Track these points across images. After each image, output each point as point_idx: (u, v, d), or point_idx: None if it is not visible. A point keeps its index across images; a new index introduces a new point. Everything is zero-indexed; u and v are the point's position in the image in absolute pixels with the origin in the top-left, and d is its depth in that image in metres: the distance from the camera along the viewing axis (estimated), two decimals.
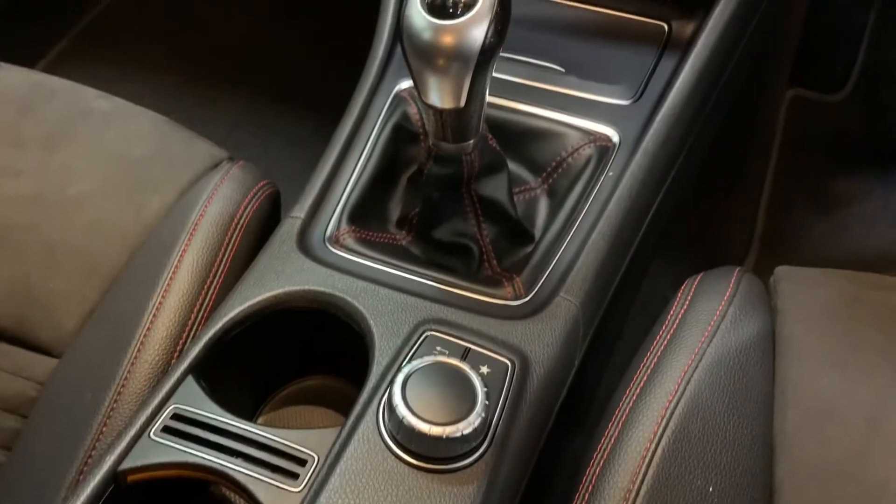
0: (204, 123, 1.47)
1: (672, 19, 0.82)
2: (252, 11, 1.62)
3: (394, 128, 0.79)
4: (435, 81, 0.58)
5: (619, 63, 0.82)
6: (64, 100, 0.90)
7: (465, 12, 0.56)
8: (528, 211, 0.76)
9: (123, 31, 1.62)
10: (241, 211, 0.77)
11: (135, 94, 1.49)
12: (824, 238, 1.24)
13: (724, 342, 0.64)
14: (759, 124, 1.29)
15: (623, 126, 0.77)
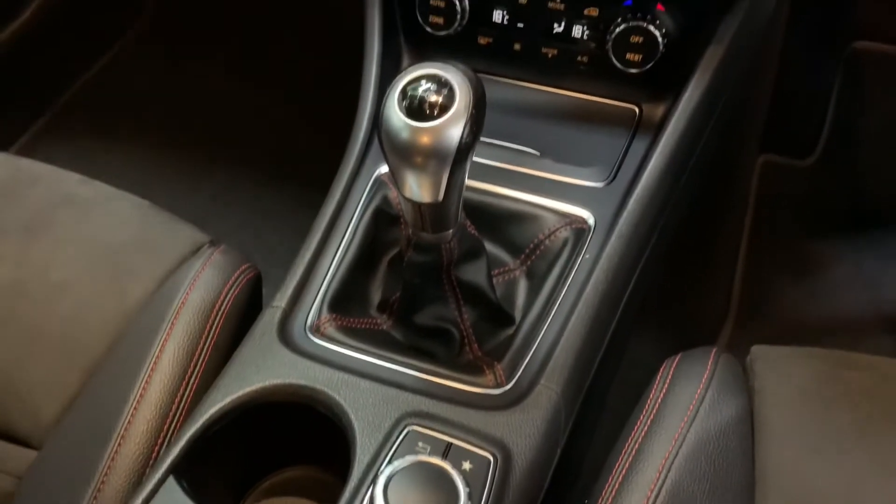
0: (184, 197, 1.50)
1: (642, 102, 0.85)
2: (233, 89, 1.65)
3: (374, 212, 0.80)
4: (413, 178, 0.60)
5: (593, 146, 0.85)
6: (45, 186, 0.91)
7: (442, 114, 0.57)
8: (507, 292, 0.77)
9: (101, 109, 1.64)
10: (223, 298, 0.78)
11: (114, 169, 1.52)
12: (799, 304, 1.26)
13: (704, 427, 0.64)
14: (731, 192, 1.32)
15: (597, 208, 0.79)
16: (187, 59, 1.70)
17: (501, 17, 0.85)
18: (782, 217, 1.41)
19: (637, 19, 0.79)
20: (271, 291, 0.82)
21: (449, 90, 0.58)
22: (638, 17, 0.79)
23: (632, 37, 0.79)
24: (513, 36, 0.86)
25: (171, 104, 1.64)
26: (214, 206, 1.50)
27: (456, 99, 0.58)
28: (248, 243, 1.43)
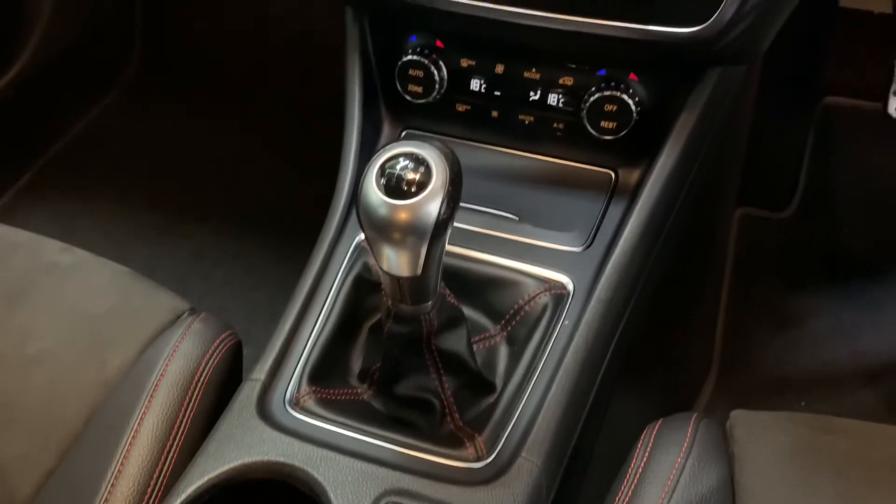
0: (166, 254, 1.50)
1: (618, 167, 0.86)
2: (213, 145, 1.66)
3: (355, 279, 0.80)
4: (391, 253, 0.60)
5: (570, 210, 0.86)
6: (25, 254, 0.91)
7: (420, 191, 0.58)
8: (488, 359, 0.77)
9: (82, 168, 1.64)
10: (202, 368, 0.77)
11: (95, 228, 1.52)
12: (781, 358, 1.27)
13: (685, 496, 0.64)
14: (710, 246, 1.33)
15: (576, 273, 0.80)
16: (168, 118, 1.71)
17: (479, 86, 0.87)
18: (762, 269, 1.42)
19: (611, 88, 0.80)
20: (253, 351, 0.82)
21: (426, 168, 0.59)
22: (612, 86, 0.81)
23: (606, 105, 0.81)
24: (490, 103, 0.88)
25: (152, 162, 1.65)
26: (196, 264, 1.50)
27: (433, 176, 0.58)
28: (230, 300, 1.44)
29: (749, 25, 0.72)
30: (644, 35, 0.73)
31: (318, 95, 1.39)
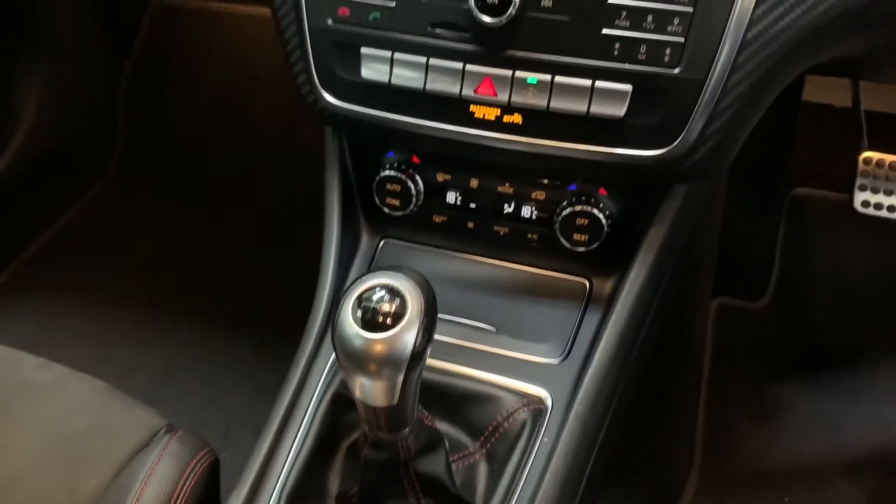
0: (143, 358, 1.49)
1: (592, 277, 0.88)
2: (192, 246, 1.67)
3: (333, 396, 0.80)
4: (367, 383, 0.61)
5: (547, 320, 0.87)
6: (1, 371, 0.90)
7: (395, 323, 0.59)
8: (468, 478, 0.77)
9: (60, 267, 1.65)
10: (179, 491, 0.77)
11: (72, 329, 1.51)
12: (762, 450, 1.27)
13: None
14: (688, 339, 1.35)
15: (554, 386, 0.80)
16: (148, 216, 1.73)
17: (455, 199, 0.89)
18: (740, 360, 1.44)
19: (581, 203, 0.83)
20: (231, 455, 0.81)
21: (400, 299, 0.60)
22: (582, 200, 0.83)
23: (577, 219, 0.83)
24: (466, 215, 0.90)
25: (132, 260, 1.66)
26: (176, 362, 1.49)
27: (408, 307, 0.60)
28: (209, 401, 1.42)
29: (713, 146, 0.74)
30: (611, 157, 0.75)
31: (299, 195, 1.42)
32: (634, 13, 0.69)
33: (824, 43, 0.73)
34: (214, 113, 1.76)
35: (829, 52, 0.78)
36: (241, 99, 1.75)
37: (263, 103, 1.70)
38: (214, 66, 1.80)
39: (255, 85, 1.71)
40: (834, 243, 1.52)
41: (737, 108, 0.73)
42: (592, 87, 0.72)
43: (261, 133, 1.72)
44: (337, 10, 0.77)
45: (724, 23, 0.68)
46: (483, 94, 0.75)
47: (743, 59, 0.70)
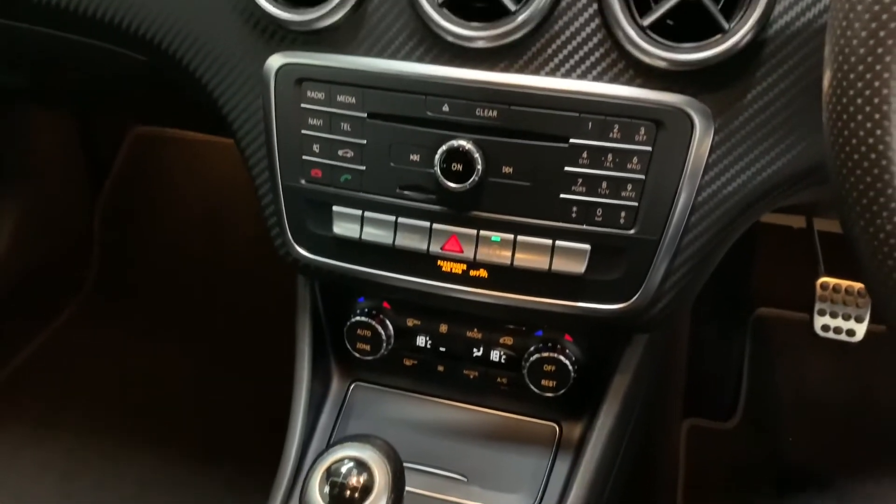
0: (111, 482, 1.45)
1: (562, 420, 0.90)
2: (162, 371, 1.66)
3: None
4: None
5: (518, 467, 0.88)
6: None
7: (364, 497, 0.60)
8: None
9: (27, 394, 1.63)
10: None
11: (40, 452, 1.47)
12: None
13: None
14: (660, 464, 1.35)
15: None
16: (117, 341, 1.72)
17: (425, 343, 0.91)
18: (713, 482, 1.44)
19: (548, 350, 0.85)
20: None
21: (368, 472, 0.61)
22: (549, 346, 0.85)
23: (545, 365, 0.85)
24: (436, 359, 0.92)
25: (101, 386, 1.64)
26: (142, 493, 1.45)
27: (376, 480, 0.60)
28: None
29: (671, 299, 0.77)
30: (573, 310, 0.78)
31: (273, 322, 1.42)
32: (590, 179, 0.73)
33: (775, 200, 0.77)
34: (189, 239, 1.79)
35: (782, 203, 0.82)
36: (216, 225, 1.78)
37: (238, 230, 1.73)
38: (190, 193, 1.84)
39: (231, 212, 1.74)
40: (799, 362, 1.55)
41: (692, 264, 0.76)
42: (553, 246, 0.76)
43: (235, 259, 1.74)
44: (310, 171, 0.81)
45: (675, 188, 0.72)
46: (450, 250, 0.78)
47: (695, 220, 0.74)
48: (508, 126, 0.74)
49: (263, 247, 1.36)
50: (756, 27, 0.66)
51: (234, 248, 1.75)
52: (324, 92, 0.78)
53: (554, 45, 0.72)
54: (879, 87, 0.41)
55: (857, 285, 1.36)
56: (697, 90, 0.70)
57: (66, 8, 0.86)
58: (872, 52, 0.41)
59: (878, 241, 0.41)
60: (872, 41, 0.41)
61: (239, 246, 1.74)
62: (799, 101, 0.70)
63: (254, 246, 1.67)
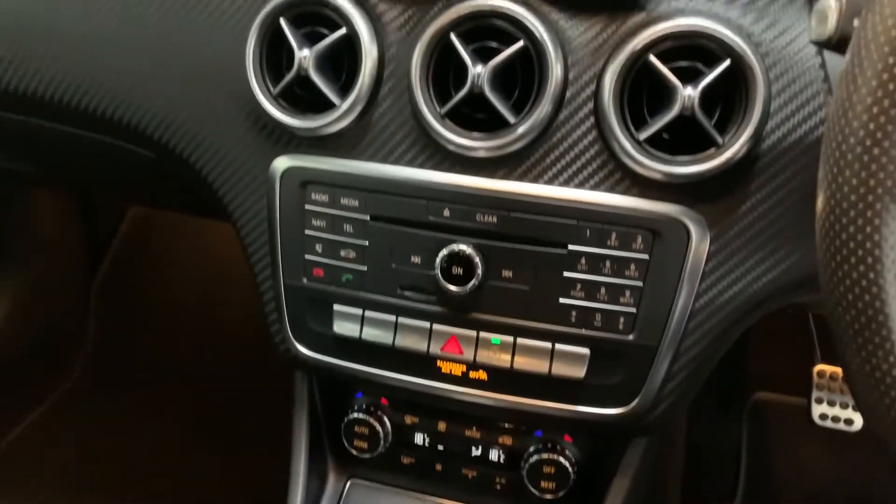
0: None
1: None
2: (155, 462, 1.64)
3: None
4: None
5: None
6: None
7: None
8: None
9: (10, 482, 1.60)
10: None
11: None
12: None
13: None
14: None
15: None
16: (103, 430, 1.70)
17: (423, 440, 0.91)
18: None
19: (548, 451, 0.84)
20: None
21: None
22: (548, 447, 0.85)
23: (544, 467, 0.84)
24: (434, 457, 0.91)
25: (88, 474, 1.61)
26: None
27: None
28: None
29: (671, 403, 0.78)
30: (573, 414, 0.78)
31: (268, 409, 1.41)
32: (588, 285, 0.74)
33: (772, 305, 0.78)
34: (185, 318, 1.78)
35: (779, 305, 0.83)
36: (213, 305, 1.78)
37: (235, 311, 1.73)
38: (187, 271, 1.84)
39: (228, 292, 1.75)
40: (797, 448, 1.54)
41: (691, 370, 0.77)
42: (553, 350, 0.76)
43: (232, 340, 1.74)
44: (312, 270, 0.82)
45: (672, 295, 0.73)
46: (449, 352, 0.79)
47: (693, 326, 0.75)
48: (508, 232, 0.75)
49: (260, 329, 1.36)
50: (749, 142, 0.68)
51: (231, 329, 1.75)
52: (328, 194, 0.79)
53: (552, 155, 0.74)
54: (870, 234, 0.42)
55: None
56: (693, 201, 0.72)
57: (77, 106, 0.88)
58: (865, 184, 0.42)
59: (874, 379, 0.42)
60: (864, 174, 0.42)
61: (235, 327, 1.74)
62: (793, 212, 0.72)
63: (250, 328, 1.67)
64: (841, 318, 0.44)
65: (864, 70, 0.41)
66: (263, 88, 0.78)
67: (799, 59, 0.70)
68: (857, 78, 0.41)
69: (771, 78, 0.70)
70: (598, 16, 0.72)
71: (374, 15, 0.77)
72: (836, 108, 0.44)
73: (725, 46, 0.68)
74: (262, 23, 0.77)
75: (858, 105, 0.41)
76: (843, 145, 0.43)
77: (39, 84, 0.89)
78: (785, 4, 0.71)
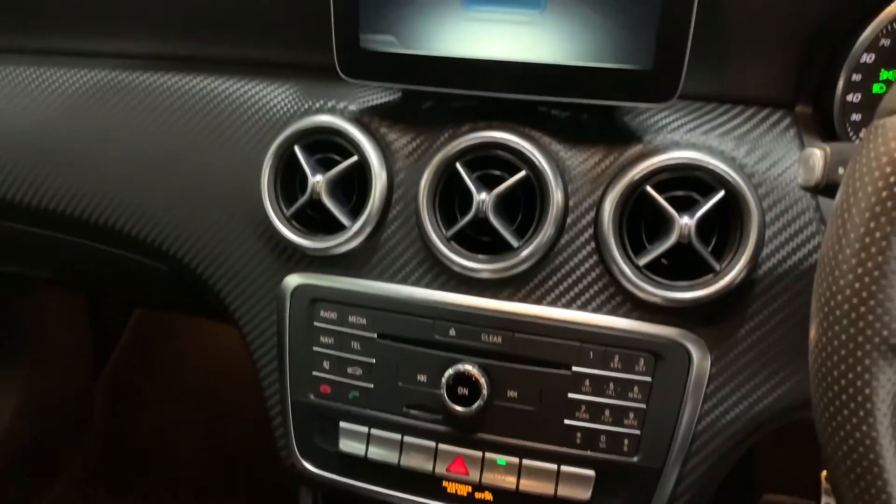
0: None
1: None
2: None
3: None
4: None
5: None
6: None
7: None
8: None
9: None
10: None
11: None
12: None
13: None
14: None
15: None
16: None
17: None
18: None
19: None
20: None
21: None
22: None
23: None
24: None
25: None
26: None
27: None
28: None
29: None
30: None
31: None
32: (593, 407, 0.75)
33: (774, 425, 0.79)
34: (189, 420, 1.78)
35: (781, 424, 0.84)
36: (218, 406, 1.78)
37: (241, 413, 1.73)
38: (193, 371, 1.85)
39: (234, 395, 1.75)
40: None
41: (696, 490, 0.77)
42: (558, 472, 0.77)
43: (235, 445, 1.73)
44: (319, 387, 0.83)
45: (675, 417, 0.74)
46: (455, 472, 0.79)
47: (696, 447, 0.76)
48: (513, 352, 0.76)
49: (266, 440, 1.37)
50: (746, 269, 0.71)
51: (236, 436, 1.74)
52: (336, 312, 0.81)
53: (555, 277, 0.76)
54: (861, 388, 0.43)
55: None
56: (693, 324, 0.74)
57: (95, 222, 0.92)
58: (854, 339, 0.44)
59: None
60: (853, 330, 0.44)
61: (240, 435, 1.73)
62: (792, 335, 0.73)
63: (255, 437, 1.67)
64: (837, 468, 0.45)
65: (848, 233, 0.43)
66: (277, 211, 0.81)
67: (791, 189, 0.73)
68: (842, 239, 0.44)
69: (765, 207, 0.72)
70: (597, 147, 0.76)
71: (384, 143, 0.80)
72: (825, 258, 0.46)
73: (719, 178, 0.71)
74: (277, 149, 0.81)
75: (844, 264, 0.43)
76: (834, 297, 0.45)
77: (62, 202, 0.92)
78: (777, 136, 0.75)
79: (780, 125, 0.76)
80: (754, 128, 0.76)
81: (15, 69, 0.95)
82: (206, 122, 0.87)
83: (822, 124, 0.76)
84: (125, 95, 0.90)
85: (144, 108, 0.89)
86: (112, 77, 0.91)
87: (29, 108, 0.93)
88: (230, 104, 0.87)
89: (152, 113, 0.89)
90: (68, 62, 0.94)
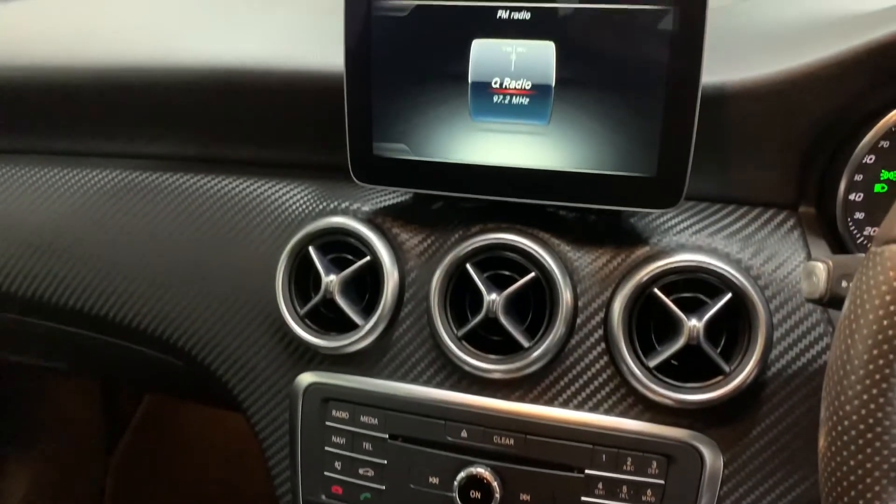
0: None
1: None
2: None
3: None
4: None
5: None
6: None
7: None
8: None
9: None
10: None
11: None
12: None
13: None
14: None
15: None
16: None
17: None
18: None
19: None
20: None
21: None
22: None
23: None
24: None
25: None
26: None
27: None
28: None
29: None
30: None
31: None
32: (610, 483, 0.74)
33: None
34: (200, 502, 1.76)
35: None
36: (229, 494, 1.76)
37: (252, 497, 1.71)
38: (204, 457, 1.84)
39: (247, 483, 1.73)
40: None
41: None
42: None
43: None
44: (331, 487, 0.83)
45: (695, 493, 0.73)
46: None
47: None
48: (525, 455, 0.76)
49: None
50: (755, 371, 0.71)
51: None
52: (348, 412, 0.82)
53: (566, 378, 0.77)
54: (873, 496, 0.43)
55: None
56: (705, 425, 0.74)
57: (112, 318, 0.93)
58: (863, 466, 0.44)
59: None
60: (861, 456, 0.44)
61: None
62: (805, 436, 0.73)
63: None
64: None
65: (853, 359, 0.44)
66: (291, 310, 0.83)
67: (798, 291, 0.74)
68: (846, 364, 0.44)
69: (772, 308, 0.73)
70: (604, 248, 0.77)
71: (396, 243, 0.82)
72: (833, 370, 0.47)
73: (726, 280, 0.72)
74: (292, 250, 0.83)
75: (850, 390, 0.44)
76: (843, 408, 0.45)
77: (79, 299, 0.94)
78: (781, 237, 0.76)
79: (784, 226, 0.77)
80: (759, 229, 0.77)
81: (29, 169, 0.98)
82: (223, 223, 0.89)
83: (826, 224, 0.77)
84: (140, 196, 0.93)
85: (161, 209, 0.92)
86: (126, 177, 0.94)
87: (42, 206, 0.96)
88: (246, 204, 0.89)
89: (169, 214, 0.91)
90: (85, 162, 0.97)
